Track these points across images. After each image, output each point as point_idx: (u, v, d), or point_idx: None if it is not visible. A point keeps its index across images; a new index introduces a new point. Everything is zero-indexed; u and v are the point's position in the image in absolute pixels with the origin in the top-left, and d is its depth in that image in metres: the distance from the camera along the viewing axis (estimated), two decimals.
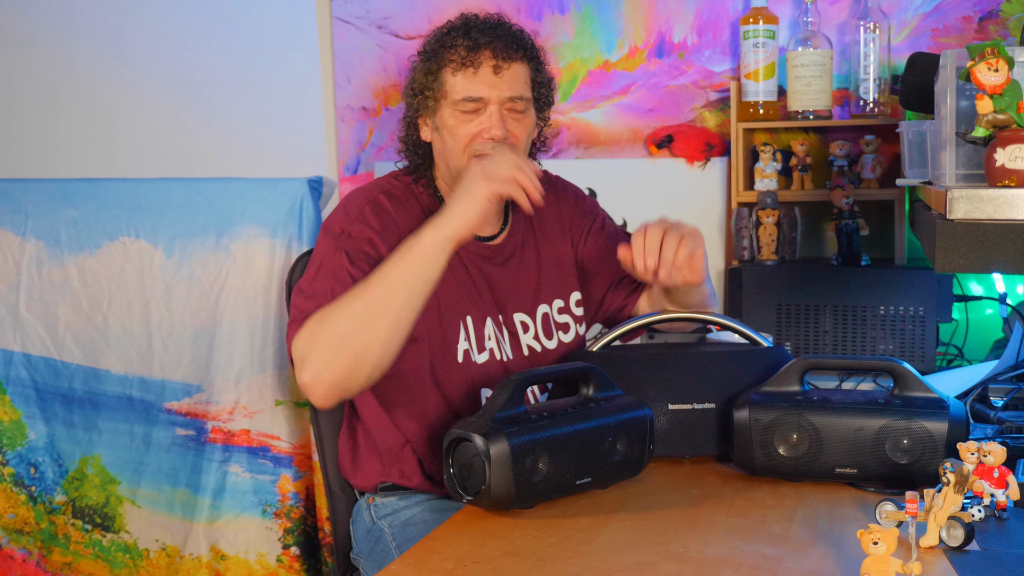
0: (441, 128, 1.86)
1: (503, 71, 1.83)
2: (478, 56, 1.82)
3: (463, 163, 1.84)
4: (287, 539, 2.66)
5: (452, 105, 1.84)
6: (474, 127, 1.83)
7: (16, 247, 2.77)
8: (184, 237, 2.69)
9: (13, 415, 2.80)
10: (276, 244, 2.63)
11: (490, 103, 1.83)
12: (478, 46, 1.82)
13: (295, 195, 2.63)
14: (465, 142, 1.84)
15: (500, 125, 1.83)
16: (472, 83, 1.83)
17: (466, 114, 1.83)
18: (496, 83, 1.83)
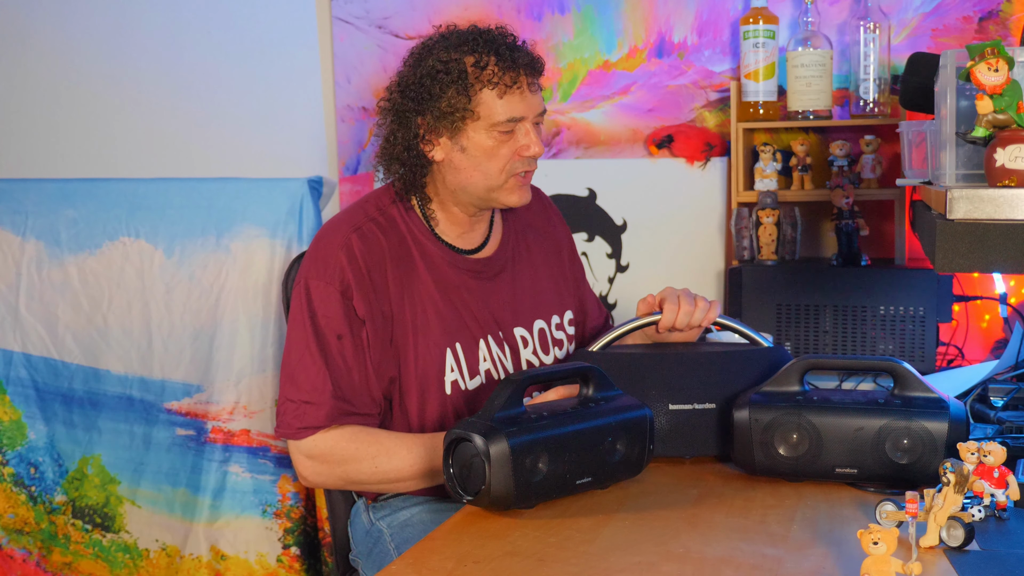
0: (471, 150, 1.82)
1: (536, 88, 1.85)
2: (518, 76, 1.81)
3: (500, 181, 1.84)
4: (287, 539, 2.66)
5: (491, 127, 1.80)
6: (511, 146, 1.83)
7: (16, 247, 2.77)
8: (184, 237, 2.69)
9: (13, 415, 2.80)
10: (276, 244, 2.62)
11: (527, 121, 1.84)
12: (516, 66, 1.81)
13: (295, 195, 2.63)
14: (504, 162, 1.83)
15: (539, 141, 1.85)
16: (517, 104, 1.81)
17: (504, 135, 1.82)
18: (533, 101, 1.84)
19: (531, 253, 2.01)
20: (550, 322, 1.99)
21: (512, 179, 1.84)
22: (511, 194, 1.86)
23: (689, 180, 2.69)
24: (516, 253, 1.99)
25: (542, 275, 2.00)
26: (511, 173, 1.84)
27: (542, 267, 2.01)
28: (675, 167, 2.70)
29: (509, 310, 1.93)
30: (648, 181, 2.72)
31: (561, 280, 2.04)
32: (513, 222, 2.02)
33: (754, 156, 2.57)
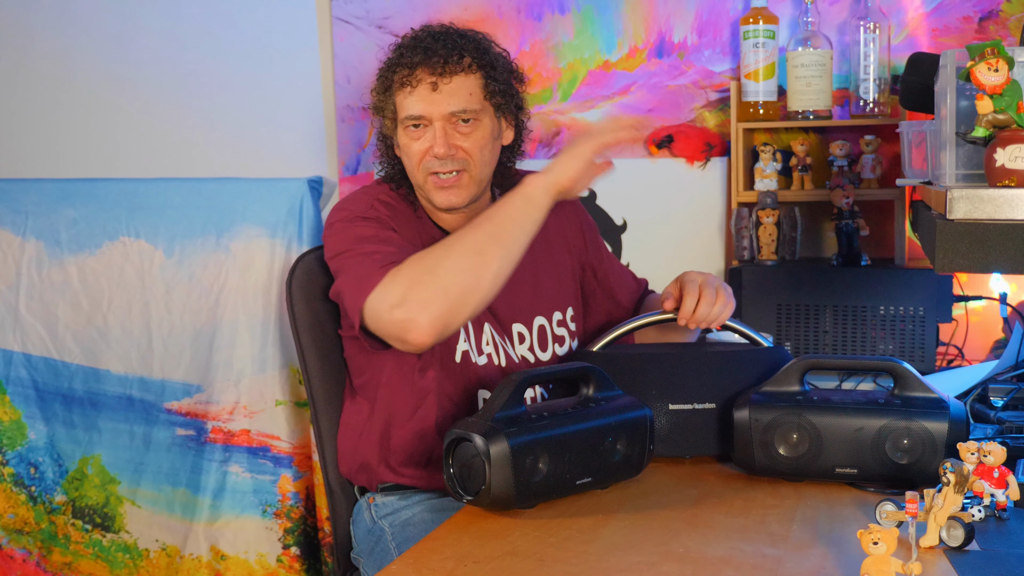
0: (400, 144, 1.89)
1: (441, 87, 1.83)
2: (414, 75, 1.83)
3: (420, 180, 1.87)
4: (287, 539, 2.66)
5: (401, 124, 1.87)
6: (422, 145, 1.85)
7: (16, 247, 2.77)
8: (184, 237, 2.69)
9: (13, 415, 2.80)
10: (276, 244, 2.62)
11: (433, 120, 1.84)
12: (414, 65, 1.83)
13: (295, 195, 2.63)
14: (417, 160, 1.86)
15: (443, 142, 1.83)
16: (411, 101, 1.84)
17: (415, 131, 1.85)
18: (435, 100, 1.83)
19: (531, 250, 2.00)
20: (551, 319, 1.99)
21: (431, 178, 1.86)
22: (433, 194, 1.87)
23: (689, 180, 2.69)
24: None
25: (542, 272, 2.00)
26: (427, 172, 1.86)
27: (543, 264, 2.00)
28: (675, 167, 2.70)
29: (508, 305, 1.93)
30: (648, 181, 2.72)
31: (563, 277, 2.03)
32: None
33: (754, 156, 2.57)
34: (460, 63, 1.84)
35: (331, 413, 2.06)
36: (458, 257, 1.72)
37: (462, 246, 1.73)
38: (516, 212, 1.76)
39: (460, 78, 1.84)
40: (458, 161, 1.85)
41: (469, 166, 1.86)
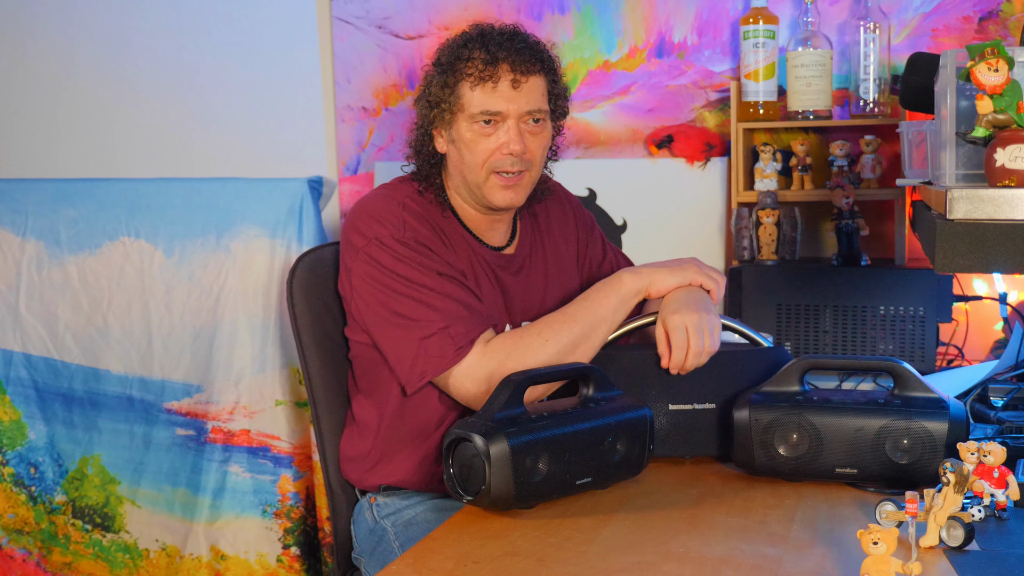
0: (458, 142, 1.85)
1: (521, 85, 1.82)
2: (496, 70, 1.81)
3: (482, 177, 1.85)
4: (287, 539, 2.66)
5: (469, 119, 1.83)
6: (492, 142, 1.83)
7: (16, 247, 2.77)
8: (184, 237, 2.69)
9: (13, 415, 2.80)
10: (276, 244, 2.63)
11: (508, 117, 1.83)
12: (496, 60, 1.81)
13: (295, 195, 2.63)
14: (484, 157, 1.84)
15: (519, 140, 1.83)
16: (491, 97, 1.82)
17: (484, 127, 1.83)
18: (514, 97, 1.82)
19: (545, 253, 2.02)
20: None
21: (493, 176, 1.84)
22: (494, 193, 1.86)
23: (689, 180, 2.69)
24: (533, 251, 2.00)
25: (553, 269, 2.02)
26: (492, 170, 1.84)
27: (553, 261, 2.02)
28: (675, 167, 2.70)
29: (522, 304, 1.95)
30: (648, 181, 2.72)
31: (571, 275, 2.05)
32: (530, 221, 2.03)
33: (754, 156, 2.57)
34: (536, 64, 1.84)
35: (331, 413, 2.06)
36: (551, 352, 1.77)
37: (556, 343, 1.77)
38: (609, 312, 1.82)
39: (535, 79, 1.85)
40: (525, 162, 1.85)
41: (531, 168, 1.87)
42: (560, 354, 1.77)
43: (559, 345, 1.77)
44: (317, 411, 2.06)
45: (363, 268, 1.84)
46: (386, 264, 1.81)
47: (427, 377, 1.77)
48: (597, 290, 1.85)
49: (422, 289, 1.79)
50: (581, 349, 1.79)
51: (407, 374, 1.79)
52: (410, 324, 1.78)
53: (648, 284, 1.84)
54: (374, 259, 1.82)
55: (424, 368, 1.77)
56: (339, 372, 2.05)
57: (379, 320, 1.82)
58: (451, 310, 1.78)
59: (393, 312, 1.80)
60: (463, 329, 1.77)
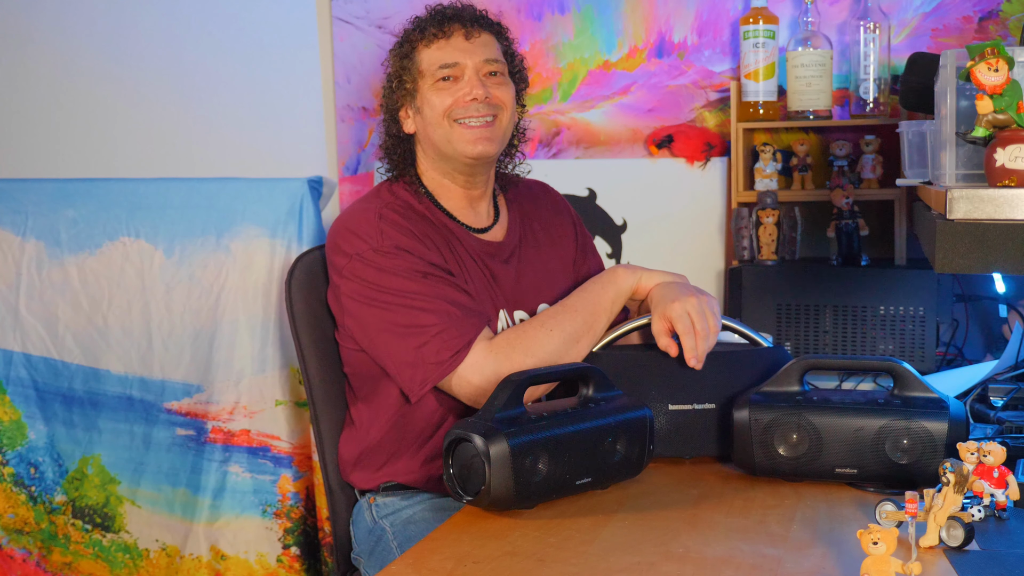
0: (422, 107, 1.89)
1: (474, 38, 1.88)
2: (449, 27, 1.88)
3: (446, 129, 1.88)
4: (287, 539, 2.66)
5: (431, 80, 1.88)
6: (452, 95, 1.87)
7: (16, 247, 2.77)
8: (184, 237, 2.69)
9: (13, 415, 2.80)
10: (276, 244, 2.62)
11: (467, 69, 1.87)
12: (447, 18, 1.89)
13: (295, 195, 2.63)
14: (444, 108, 1.87)
15: (480, 85, 1.87)
16: (445, 51, 1.87)
17: (445, 83, 1.87)
18: (469, 48, 1.88)
19: (538, 243, 2.03)
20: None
21: (458, 127, 1.87)
22: (465, 143, 1.88)
23: (689, 180, 2.69)
24: (523, 241, 2.01)
25: (548, 266, 2.02)
26: (454, 119, 1.87)
27: (551, 259, 2.03)
28: (675, 167, 2.70)
29: (515, 294, 1.95)
30: (648, 181, 2.72)
31: (567, 269, 2.05)
32: (518, 210, 2.03)
33: (754, 156, 2.57)
34: (486, 24, 1.92)
35: (331, 413, 2.06)
36: (558, 342, 1.80)
37: (561, 332, 1.80)
38: (608, 303, 1.86)
39: (487, 35, 1.91)
40: (492, 106, 1.88)
41: (501, 113, 1.90)
42: (566, 343, 1.79)
43: (564, 335, 1.80)
44: (317, 411, 2.06)
45: (350, 286, 1.84)
46: (371, 279, 1.82)
47: (429, 384, 1.78)
48: (594, 282, 1.90)
49: (411, 296, 1.79)
50: (585, 339, 1.82)
51: (409, 383, 1.79)
52: (405, 332, 1.78)
53: (639, 279, 1.89)
54: (358, 276, 1.83)
55: (425, 375, 1.77)
56: (338, 372, 2.05)
57: (374, 334, 1.82)
58: (444, 311, 1.78)
59: (387, 323, 1.80)
60: (458, 331, 1.77)
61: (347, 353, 1.95)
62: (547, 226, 2.06)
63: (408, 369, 1.78)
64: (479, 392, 1.76)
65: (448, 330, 1.77)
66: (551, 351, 1.78)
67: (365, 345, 1.86)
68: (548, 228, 2.05)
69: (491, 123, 1.88)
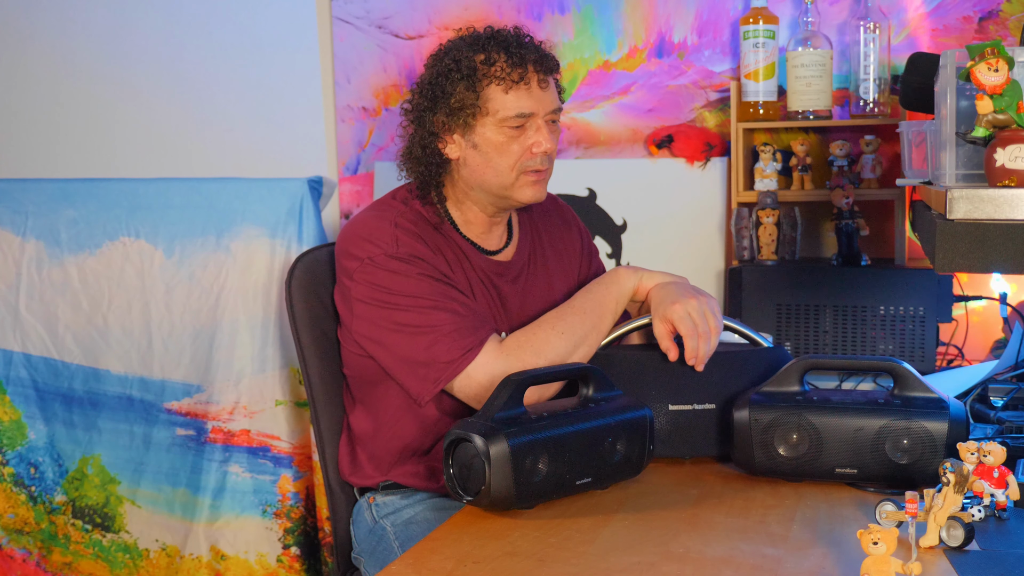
0: (482, 146, 1.84)
1: (547, 85, 1.86)
2: (526, 72, 1.83)
3: (511, 179, 1.85)
4: (287, 539, 2.66)
5: (500, 123, 1.82)
6: (522, 143, 1.84)
7: (16, 247, 2.77)
8: (184, 237, 2.69)
9: (13, 415, 2.80)
10: (276, 244, 2.62)
11: (537, 118, 1.85)
12: (524, 61, 1.83)
13: (295, 195, 2.63)
14: (515, 159, 1.84)
15: (549, 138, 1.86)
16: (524, 99, 1.83)
17: (514, 130, 1.84)
18: (543, 97, 1.85)
19: (545, 260, 2.02)
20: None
21: (523, 176, 1.86)
22: (524, 191, 1.87)
23: (689, 180, 2.69)
24: (532, 259, 2.00)
25: (555, 283, 2.02)
26: (522, 170, 1.85)
27: (556, 275, 2.02)
28: (675, 167, 2.70)
29: (520, 314, 1.94)
30: (648, 181, 2.72)
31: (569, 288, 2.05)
32: (529, 228, 2.03)
33: (754, 156, 2.57)
34: (553, 63, 1.90)
35: (331, 413, 2.06)
36: (567, 344, 1.81)
37: (571, 333, 1.81)
38: (613, 303, 1.87)
39: (552, 78, 1.90)
40: (549, 159, 1.88)
41: (551, 165, 1.91)
42: (574, 344, 1.81)
43: (574, 336, 1.81)
44: (317, 411, 2.06)
45: (360, 290, 1.84)
46: (382, 283, 1.81)
47: (441, 384, 1.77)
48: (598, 284, 1.90)
49: (421, 299, 1.79)
50: (591, 339, 1.83)
51: (420, 383, 1.79)
52: (416, 332, 1.78)
53: (640, 280, 1.89)
54: (369, 280, 1.82)
55: (438, 375, 1.77)
56: (338, 372, 2.05)
57: (384, 336, 1.82)
58: (454, 311, 1.78)
59: (397, 324, 1.80)
60: (469, 331, 1.77)
61: (348, 355, 1.95)
62: (555, 241, 2.06)
63: (420, 369, 1.78)
64: (485, 392, 1.75)
65: (459, 329, 1.77)
66: (561, 352, 1.79)
67: (373, 349, 1.85)
68: (556, 243, 2.06)
69: (547, 171, 1.89)
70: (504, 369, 1.74)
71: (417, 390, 1.80)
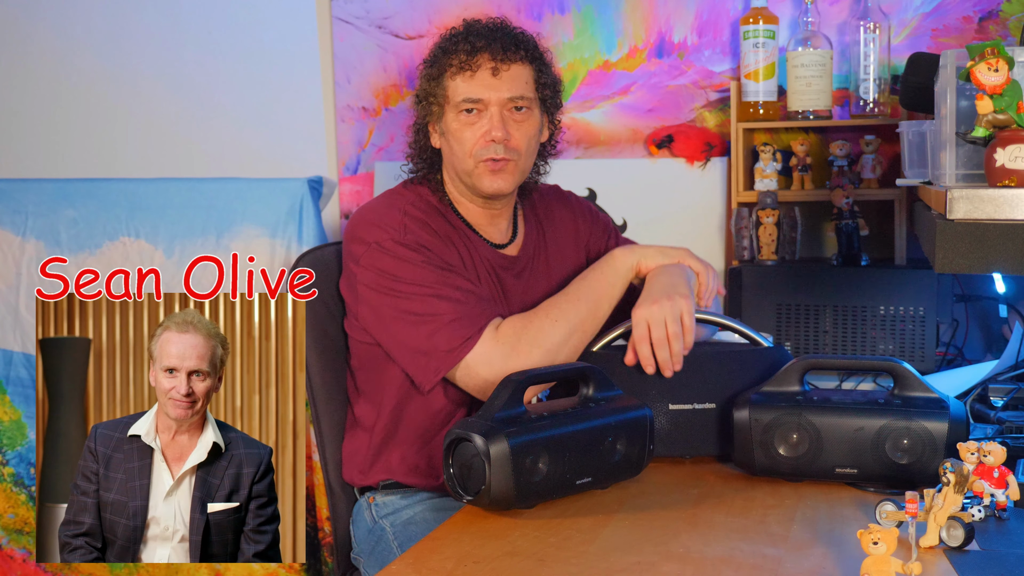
0: (447, 134, 1.89)
1: (501, 73, 1.86)
2: (476, 59, 1.85)
3: (470, 166, 1.87)
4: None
5: (455, 110, 1.86)
6: (476, 131, 1.86)
7: (16, 247, 2.78)
8: (184, 237, 2.69)
9: (13, 415, 2.80)
10: (276, 244, 2.63)
11: (490, 104, 1.85)
12: (476, 49, 1.85)
13: (295, 195, 2.63)
14: (470, 146, 1.87)
15: (500, 126, 1.85)
16: (470, 85, 1.85)
17: (468, 116, 1.86)
18: (495, 84, 1.85)
19: (548, 256, 2.03)
20: None
21: (481, 164, 1.87)
22: (483, 180, 1.88)
23: (689, 180, 2.69)
24: (536, 255, 2.01)
25: (556, 274, 2.02)
26: (478, 159, 1.86)
27: (557, 265, 2.03)
28: (675, 167, 2.70)
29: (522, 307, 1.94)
30: (648, 181, 2.72)
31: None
32: (534, 223, 2.03)
33: (754, 156, 2.57)
34: (518, 52, 1.88)
35: (331, 413, 2.06)
36: (563, 332, 1.80)
37: (566, 321, 1.81)
38: (608, 287, 1.87)
39: (518, 67, 1.88)
40: (510, 150, 1.87)
41: (518, 157, 1.89)
42: (570, 332, 1.80)
43: (569, 324, 1.81)
44: (317, 411, 2.06)
45: (366, 275, 1.85)
46: (388, 268, 1.82)
47: (441, 373, 1.79)
48: (593, 269, 1.90)
49: (425, 287, 1.80)
50: (588, 326, 1.83)
51: (422, 372, 1.80)
52: (418, 320, 1.79)
53: (639, 259, 1.89)
54: (376, 265, 1.84)
55: (438, 364, 1.78)
56: (339, 372, 2.05)
57: (388, 322, 1.83)
58: (457, 299, 1.79)
59: (401, 311, 1.81)
60: (470, 319, 1.78)
61: (355, 345, 1.96)
62: (559, 235, 2.06)
63: (421, 358, 1.79)
64: (484, 383, 1.76)
65: (460, 319, 1.78)
66: (557, 340, 1.79)
67: (378, 334, 1.86)
68: (560, 238, 2.06)
69: (508, 162, 1.88)
70: (501, 358, 1.76)
71: (420, 378, 1.81)
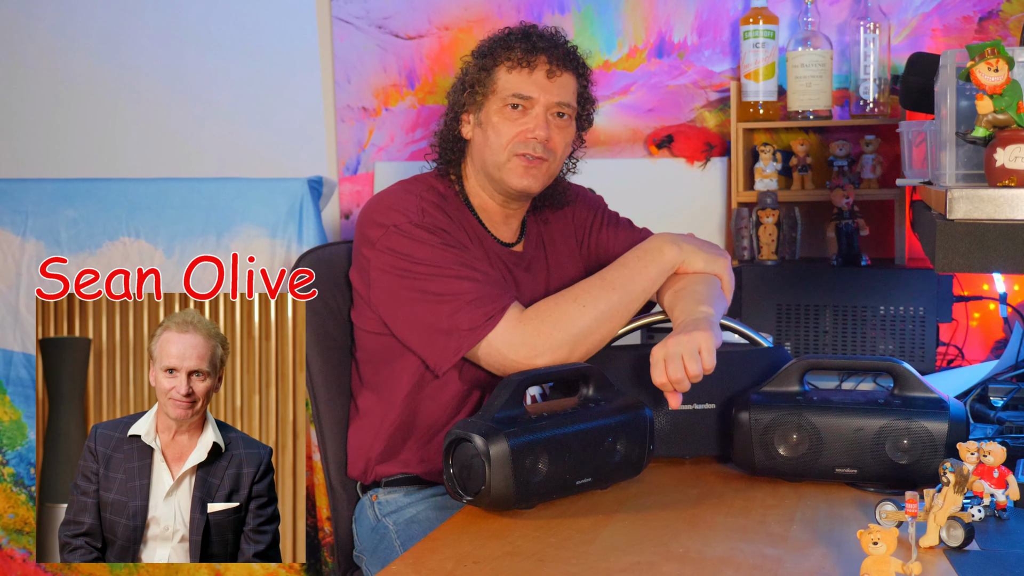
0: (485, 124, 1.90)
1: (556, 77, 1.88)
2: (535, 58, 1.87)
3: (503, 159, 1.88)
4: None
5: (501, 101, 1.88)
6: (518, 126, 1.87)
7: (16, 247, 2.78)
8: (184, 237, 2.69)
9: (13, 415, 2.80)
10: (276, 244, 2.63)
11: (537, 104, 1.87)
12: (537, 49, 1.88)
13: (295, 195, 2.63)
14: (508, 139, 1.88)
15: (544, 127, 1.87)
16: (524, 82, 1.87)
17: (513, 111, 1.88)
18: (547, 86, 1.88)
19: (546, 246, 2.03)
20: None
21: (515, 159, 1.88)
22: (513, 174, 1.89)
23: (689, 180, 2.69)
24: (537, 251, 2.02)
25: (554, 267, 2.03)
26: (514, 152, 1.88)
27: (554, 260, 2.04)
28: (675, 167, 2.70)
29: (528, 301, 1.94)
30: (648, 181, 2.72)
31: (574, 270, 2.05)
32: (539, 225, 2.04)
33: (754, 156, 2.57)
34: (572, 63, 1.91)
35: (331, 413, 2.06)
36: (589, 319, 1.77)
37: (594, 309, 1.78)
38: (650, 283, 1.83)
39: (568, 76, 1.91)
40: (547, 151, 1.88)
41: (552, 158, 1.90)
42: (597, 321, 1.78)
43: (596, 311, 1.78)
44: (318, 411, 2.06)
45: (382, 259, 1.85)
46: (405, 251, 1.83)
47: (462, 352, 1.78)
48: (638, 258, 1.86)
49: (444, 267, 1.80)
50: (618, 318, 1.81)
51: (441, 352, 1.79)
52: (439, 300, 1.79)
53: (684, 259, 1.86)
54: (393, 248, 1.84)
55: (459, 343, 1.77)
56: (339, 372, 2.05)
57: (404, 305, 1.83)
58: (476, 279, 1.80)
59: (420, 292, 1.81)
60: (491, 297, 1.78)
61: (363, 336, 1.96)
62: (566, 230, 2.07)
63: (440, 337, 1.79)
64: (507, 361, 1.76)
65: (481, 297, 1.78)
66: (582, 327, 1.77)
67: (391, 318, 1.86)
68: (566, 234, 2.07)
69: (541, 161, 1.89)
70: (524, 339, 1.75)
71: (436, 360, 1.80)
